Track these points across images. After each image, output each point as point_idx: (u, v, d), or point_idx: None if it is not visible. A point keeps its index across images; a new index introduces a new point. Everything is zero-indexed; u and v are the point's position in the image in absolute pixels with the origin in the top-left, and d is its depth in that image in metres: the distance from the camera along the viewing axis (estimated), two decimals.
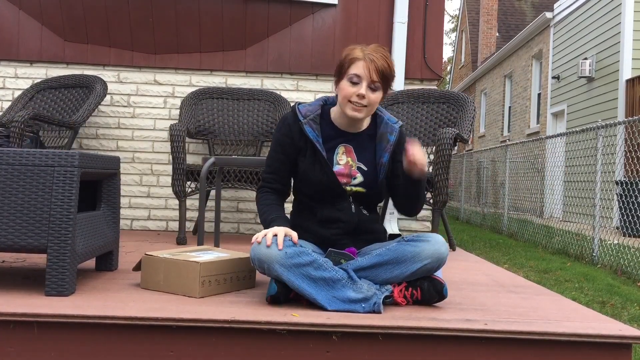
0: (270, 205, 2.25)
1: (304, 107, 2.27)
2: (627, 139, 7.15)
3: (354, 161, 2.26)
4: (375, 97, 2.17)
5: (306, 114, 2.25)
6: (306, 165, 2.23)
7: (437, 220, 3.75)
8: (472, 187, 13.11)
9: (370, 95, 2.15)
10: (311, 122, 2.24)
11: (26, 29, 4.61)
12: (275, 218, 2.18)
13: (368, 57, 2.14)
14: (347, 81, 2.16)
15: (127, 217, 4.61)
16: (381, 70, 2.14)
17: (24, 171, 2.08)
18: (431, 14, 4.65)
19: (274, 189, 2.29)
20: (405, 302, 2.14)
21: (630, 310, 3.87)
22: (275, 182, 2.29)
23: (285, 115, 2.29)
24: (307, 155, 2.24)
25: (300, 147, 2.25)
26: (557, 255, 6.70)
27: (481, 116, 21.68)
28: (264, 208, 2.25)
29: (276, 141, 2.28)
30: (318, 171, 2.21)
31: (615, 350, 1.86)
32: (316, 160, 2.22)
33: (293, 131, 2.24)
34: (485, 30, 22.33)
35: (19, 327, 1.85)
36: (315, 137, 2.22)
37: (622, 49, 10.73)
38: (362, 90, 2.13)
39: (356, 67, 2.15)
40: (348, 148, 2.27)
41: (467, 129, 3.97)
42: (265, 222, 2.20)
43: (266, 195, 2.29)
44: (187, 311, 1.92)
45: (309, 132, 2.22)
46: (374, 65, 2.13)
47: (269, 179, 2.30)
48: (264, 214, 2.23)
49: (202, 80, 4.64)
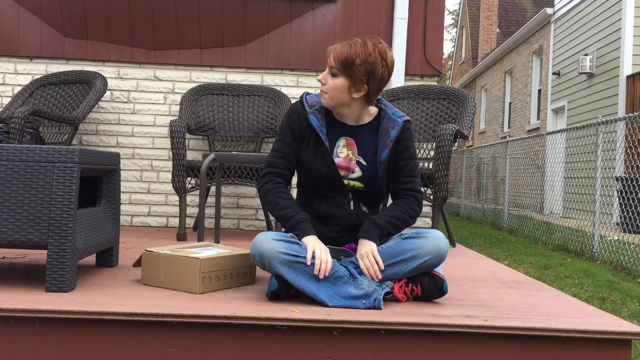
0: (290, 201, 2.19)
1: (311, 97, 2.29)
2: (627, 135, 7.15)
3: (354, 155, 2.25)
4: (333, 83, 2.16)
5: (312, 103, 2.26)
6: (308, 154, 2.23)
7: (437, 216, 3.75)
8: (472, 184, 13.11)
9: (329, 80, 2.17)
10: (316, 112, 2.24)
11: (26, 25, 4.60)
12: (302, 219, 2.13)
13: (331, 47, 2.19)
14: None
15: (127, 213, 4.62)
16: (336, 56, 2.15)
17: (24, 167, 2.08)
18: (431, 10, 4.65)
19: (281, 175, 2.24)
20: (406, 298, 2.14)
21: (630, 307, 3.88)
22: (284, 168, 2.24)
23: (294, 104, 2.30)
24: (310, 144, 2.23)
25: (305, 135, 2.25)
26: (557, 252, 6.70)
27: (481, 112, 21.66)
28: (282, 202, 2.18)
29: (286, 126, 2.26)
30: (319, 161, 2.21)
31: (614, 346, 1.86)
32: (318, 149, 2.22)
33: (301, 118, 2.24)
34: (486, 26, 22.30)
35: (19, 323, 1.85)
36: (319, 127, 2.22)
37: (622, 45, 10.71)
38: (320, 76, 2.20)
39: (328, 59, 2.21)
40: (349, 141, 2.26)
41: (467, 125, 3.97)
42: (287, 220, 2.14)
43: (277, 186, 2.22)
44: (188, 307, 1.92)
45: (313, 121, 2.22)
46: (335, 51, 2.16)
47: (277, 163, 2.24)
48: (285, 209, 2.16)
49: (202, 76, 4.64)
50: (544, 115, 14.67)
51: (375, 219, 2.17)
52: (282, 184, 2.24)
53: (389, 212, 2.21)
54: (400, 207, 2.23)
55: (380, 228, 2.15)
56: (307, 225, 2.12)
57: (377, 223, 2.15)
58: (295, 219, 2.13)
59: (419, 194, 2.27)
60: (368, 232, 2.14)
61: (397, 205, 2.24)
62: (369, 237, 2.13)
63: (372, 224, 2.16)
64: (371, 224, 2.16)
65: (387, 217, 2.18)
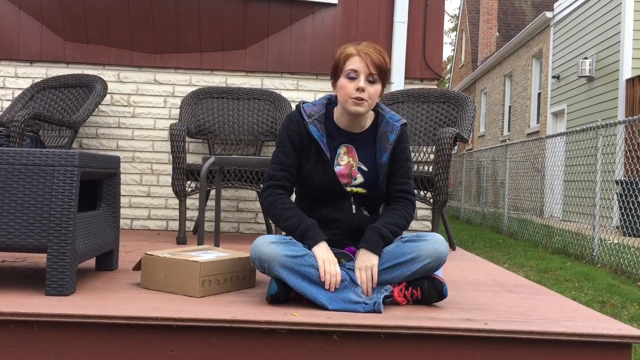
0: (293, 209, 2.16)
1: (308, 106, 2.26)
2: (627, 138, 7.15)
3: (355, 161, 2.24)
4: (374, 90, 2.16)
5: (311, 113, 2.23)
6: (310, 166, 2.21)
7: (437, 219, 3.74)
8: (472, 187, 13.11)
9: (369, 88, 2.15)
10: (316, 122, 2.22)
11: (26, 28, 4.61)
12: (308, 227, 2.11)
13: (362, 52, 2.15)
14: (344, 78, 2.15)
15: (127, 216, 4.61)
16: (377, 63, 2.14)
17: (24, 171, 2.08)
18: (431, 14, 4.65)
19: (283, 187, 2.22)
20: (405, 302, 2.14)
21: (630, 310, 3.87)
22: (285, 180, 2.21)
23: (291, 113, 2.26)
24: (310, 154, 2.22)
25: (305, 145, 2.23)
26: (557, 255, 6.70)
27: (481, 116, 21.67)
28: (286, 213, 2.15)
29: (285, 137, 2.23)
30: (320, 172, 2.20)
31: (615, 349, 1.86)
32: (319, 160, 2.21)
33: (301, 128, 2.22)
34: (486, 29, 22.33)
35: (19, 326, 1.85)
36: (319, 137, 2.21)
37: (622, 48, 10.72)
38: (360, 83, 2.13)
39: (352, 62, 2.15)
40: (350, 148, 2.25)
41: (467, 128, 3.97)
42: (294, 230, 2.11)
43: (280, 197, 2.19)
44: (187, 311, 1.92)
45: (313, 132, 2.20)
46: (370, 58, 2.14)
47: (278, 176, 2.22)
48: (290, 219, 2.13)
49: (202, 79, 4.64)
50: (543, 118, 14.68)
51: (381, 230, 2.13)
52: (284, 194, 2.21)
53: (389, 219, 2.19)
54: (399, 212, 2.22)
55: (385, 240, 2.13)
56: (314, 233, 2.10)
57: (383, 235, 2.12)
58: (302, 229, 2.11)
59: (413, 196, 2.28)
60: (373, 244, 2.11)
61: (394, 211, 2.22)
62: (374, 251, 2.10)
63: (378, 235, 2.12)
64: (376, 236, 2.12)
65: (390, 226, 2.16)
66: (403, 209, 2.23)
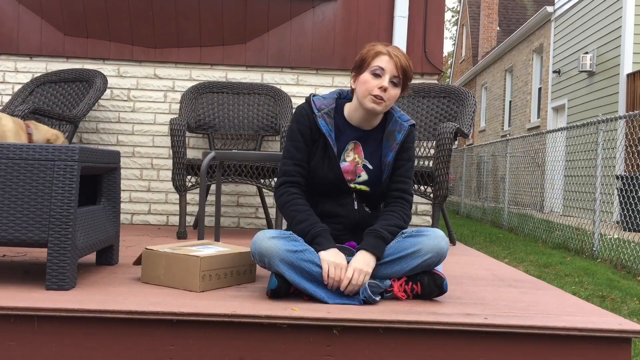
0: (306, 212, 2.14)
1: (318, 99, 2.25)
2: (627, 133, 7.15)
3: (361, 158, 2.24)
4: (394, 92, 2.17)
5: (320, 107, 2.22)
6: (316, 160, 2.21)
7: (437, 214, 3.75)
8: (473, 182, 13.11)
9: (391, 90, 2.16)
10: (325, 116, 2.21)
11: (26, 23, 4.60)
12: (318, 233, 2.09)
13: (392, 53, 2.16)
14: (369, 73, 2.15)
15: (127, 211, 4.62)
16: (404, 67, 2.16)
17: (24, 165, 2.08)
18: (432, 8, 4.64)
19: (296, 183, 2.20)
20: (406, 297, 2.14)
21: (630, 305, 3.88)
22: (298, 175, 2.20)
23: (300, 106, 2.25)
24: (318, 148, 2.21)
25: (315, 139, 2.22)
26: (557, 250, 6.70)
27: (482, 110, 21.66)
28: (299, 216, 2.13)
29: (296, 131, 2.21)
30: (326, 167, 2.19)
31: (615, 344, 1.86)
32: (326, 155, 2.20)
33: (310, 121, 2.21)
34: (486, 24, 22.28)
35: (19, 321, 1.85)
36: (328, 132, 2.20)
37: (622, 43, 10.71)
38: (384, 83, 2.13)
39: (380, 60, 2.15)
40: (357, 145, 2.25)
41: (467, 123, 3.97)
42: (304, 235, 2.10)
43: (294, 197, 2.17)
44: (188, 305, 1.92)
45: (322, 125, 2.19)
46: (398, 60, 2.15)
47: (291, 171, 2.20)
48: (300, 224, 2.12)
49: (202, 74, 4.64)
50: (544, 113, 14.67)
51: (383, 233, 2.12)
52: (297, 194, 2.19)
53: (389, 221, 2.18)
54: (397, 214, 2.21)
55: (386, 242, 2.13)
56: (323, 240, 2.08)
57: (385, 238, 2.12)
58: (312, 234, 2.09)
59: (411, 197, 2.28)
60: (376, 247, 2.10)
61: (393, 212, 2.21)
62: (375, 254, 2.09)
63: (380, 239, 2.11)
64: (379, 240, 2.11)
65: (390, 228, 2.15)
66: (401, 210, 2.22)
